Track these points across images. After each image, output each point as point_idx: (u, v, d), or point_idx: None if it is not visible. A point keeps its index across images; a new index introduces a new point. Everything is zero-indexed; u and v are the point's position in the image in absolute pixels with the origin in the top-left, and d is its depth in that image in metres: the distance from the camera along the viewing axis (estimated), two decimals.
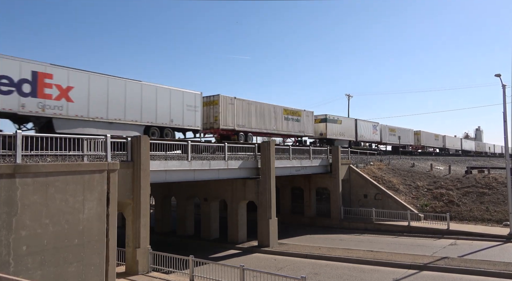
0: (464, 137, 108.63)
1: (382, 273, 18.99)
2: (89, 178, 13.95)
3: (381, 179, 36.28)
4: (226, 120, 28.00)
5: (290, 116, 34.88)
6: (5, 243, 11.52)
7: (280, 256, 23.32)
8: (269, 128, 31.94)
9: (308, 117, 37.47)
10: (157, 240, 26.36)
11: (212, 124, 27.82)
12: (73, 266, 13.24)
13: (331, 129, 41.21)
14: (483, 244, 24.21)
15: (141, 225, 17.79)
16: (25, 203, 12.06)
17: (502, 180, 33.44)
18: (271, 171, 25.52)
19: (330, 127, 41.31)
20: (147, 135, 19.09)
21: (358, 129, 46.14)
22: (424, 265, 19.70)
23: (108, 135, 15.76)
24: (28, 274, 11.88)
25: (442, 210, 31.67)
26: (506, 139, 26.92)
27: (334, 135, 41.38)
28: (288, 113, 34.71)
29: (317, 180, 34.46)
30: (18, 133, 12.43)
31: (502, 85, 26.98)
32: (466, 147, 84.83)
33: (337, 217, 32.95)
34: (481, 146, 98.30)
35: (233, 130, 28.58)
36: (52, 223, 12.72)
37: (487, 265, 19.01)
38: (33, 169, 12.31)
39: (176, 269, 17.08)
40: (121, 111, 21.06)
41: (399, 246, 24.55)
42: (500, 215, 29.89)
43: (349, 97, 67.07)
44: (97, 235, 14.13)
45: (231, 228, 27.05)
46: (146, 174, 17.87)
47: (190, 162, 21.07)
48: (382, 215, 30.99)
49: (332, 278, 18.55)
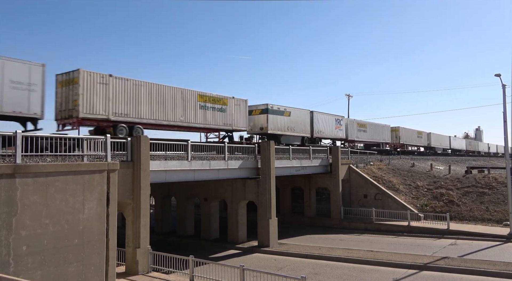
0: (464, 137, 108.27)
1: (382, 273, 18.99)
2: (89, 178, 13.96)
3: (381, 179, 36.29)
4: (93, 105, 19.99)
5: (210, 105, 26.58)
6: (5, 243, 11.53)
7: (280, 256, 23.32)
8: (173, 118, 24.08)
9: (239, 106, 29.03)
10: (157, 240, 26.37)
11: (70, 112, 19.82)
12: (73, 266, 13.24)
13: (274, 122, 32.79)
14: (483, 244, 24.21)
15: (141, 225, 17.80)
16: (25, 203, 12.06)
17: (502, 180, 33.44)
18: (271, 171, 25.52)
19: (274, 119, 32.75)
20: (147, 135, 19.05)
21: (315, 123, 37.89)
22: (424, 265, 19.70)
23: (108, 135, 15.77)
24: (28, 274, 11.89)
25: (442, 210, 31.67)
26: (506, 139, 26.91)
27: (279, 130, 33.29)
28: (206, 100, 26.36)
29: (317, 180, 34.46)
30: (18, 133, 12.43)
31: (502, 85, 26.99)
32: (455, 145, 78.62)
33: (337, 217, 32.95)
34: (474, 145, 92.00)
35: (107, 119, 20.84)
36: (52, 223, 12.72)
37: (487, 265, 19.01)
38: (33, 169, 12.31)
39: (176, 269, 17.08)
40: None
41: (399, 246, 24.55)
42: (500, 215, 29.90)
43: (349, 97, 67.11)
44: (97, 235, 14.13)
45: (231, 228, 27.05)
46: (146, 174, 17.87)
47: (190, 162, 21.07)
48: (382, 215, 30.99)
49: (332, 278, 18.55)
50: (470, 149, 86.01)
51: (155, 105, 23.24)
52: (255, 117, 32.52)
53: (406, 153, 58.61)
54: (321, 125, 39.05)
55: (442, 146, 72.03)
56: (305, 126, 36.64)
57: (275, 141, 29.92)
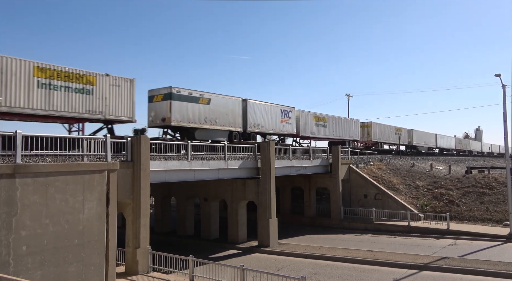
0: (464, 137, 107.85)
1: (382, 273, 19.00)
2: (89, 178, 13.96)
3: (381, 179, 36.30)
4: None
5: (62, 83, 18.76)
6: (5, 243, 11.53)
7: (280, 256, 23.32)
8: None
9: (119, 88, 21.08)
10: (157, 240, 26.37)
11: None
12: (73, 266, 13.25)
13: (182, 112, 24.74)
14: (483, 244, 24.21)
15: (141, 225, 17.80)
16: (25, 203, 12.06)
17: (502, 180, 33.45)
18: (271, 171, 25.53)
19: (181, 108, 24.65)
20: (146, 135, 19.06)
21: (250, 114, 30.50)
22: (424, 265, 19.70)
23: (108, 135, 15.78)
24: (28, 274, 11.89)
25: (442, 210, 31.68)
26: (506, 139, 26.91)
27: (191, 122, 25.35)
28: (53, 76, 18.47)
29: (317, 180, 34.46)
30: (18, 133, 12.43)
31: (502, 85, 26.99)
32: (443, 144, 71.54)
33: (337, 217, 32.95)
34: (465, 144, 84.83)
35: None
36: (52, 223, 12.73)
37: (487, 265, 19.01)
38: (33, 169, 12.32)
39: (176, 269, 17.09)
40: None
41: (399, 246, 24.56)
42: (500, 215, 29.90)
43: (349, 97, 67.13)
44: (97, 235, 14.14)
45: (231, 228, 27.06)
46: (146, 174, 17.88)
47: (190, 162, 21.08)
48: (382, 215, 31.00)
49: (332, 278, 18.56)
50: (460, 148, 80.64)
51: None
52: (157, 105, 24.70)
53: (383, 152, 51.81)
54: (258, 117, 31.46)
55: (427, 144, 65.37)
56: (234, 118, 28.98)
57: (186, 137, 25.03)
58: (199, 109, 26.17)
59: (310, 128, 38.48)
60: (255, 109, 31.37)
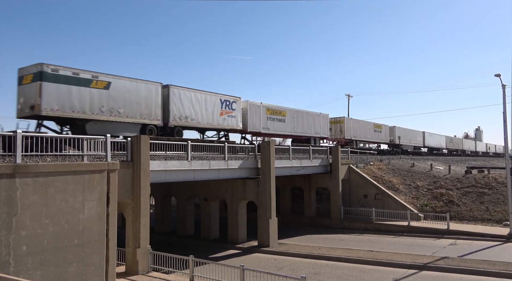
0: (464, 137, 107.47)
1: (382, 273, 19.00)
2: (89, 178, 13.96)
3: (381, 179, 36.30)
4: None
5: None
6: (5, 243, 11.53)
7: (280, 256, 23.32)
8: None
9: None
10: (157, 240, 26.38)
11: None
12: (73, 266, 13.25)
13: (61, 97, 19.04)
14: (483, 244, 24.21)
15: (141, 225, 17.81)
16: (25, 203, 12.07)
17: (502, 180, 33.45)
18: (271, 171, 25.53)
19: (60, 92, 18.97)
20: (146, 135, 19.05)
21: (174, 103, 24.75)
22: (424, 265, 19.70)
23: (108, 135, 15.78)
24: (28, 274, 11.89)
25: (442, 210, 31.68)
26: (506, 139, 26.90)
27: (77, 111, 19.57)
28: None
29: (317, 180, 34.46)
30: (18, 133, 12.43)
31: (502, 85, 26.99)
32: (432, 143, 65.94)
33: (337, 217, 32.95)
34: (456, 143, 78.71)
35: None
36: (52, 223, 12.73)
37: (487, 265, 19.01)
38: (33, 169, 12.32)
39: (176, 269, 17.09)
40: None
41: (399, 246, 24.56)
42: (500, 215, 29.91)
43: (349, 97, 67.11)
44: (97, 235, 14.14)
45: (231, 228, 27.06)
46: (146, 174, 17.88)
47: (190, 162, 21.08)
48: (382, 215, 31.00)
49: (332, 278, 18.56)
50: (452, 148, 75.75)
51: None
52: (26, 88, 18.87)
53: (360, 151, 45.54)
54: (187, 107, 25.62)
55: (413, 143, 60.13)
56: (150, 108, 23.30)
57: (74, 131, 19.88)
58: (92, 94, 20.28)
59: (263, 122, 32.53)
60: (182, 97, 25.32)
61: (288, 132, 36.01)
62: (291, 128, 36.14)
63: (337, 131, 44.34)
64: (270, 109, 33.90)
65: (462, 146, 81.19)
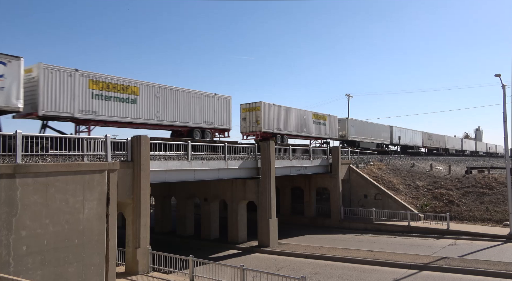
0: (464, 137, 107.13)
1: (382, 273, 18.99)
2: (89, 178, 13.96)
3: (381, 179, 36.30)
4: None
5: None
6: (5, 243, 11.53)
7: (280, 256, 23.32)
8: None
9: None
10: (157, 240, 26.36)
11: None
12: (73, 266, 13.25)
13: None
14: (483, 244, 24.21)
15: (141, 225, 17.80)
16: (25, 203, 12.06)
17: (502, 180, 33.45)
18: (271, 171, 25.52)
19: None
20: (146, 135, 19.06)
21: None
22: (424, 265, 19.70)
23: (108, 135, 15.78)
24: (28, 274, 11.89)
25: (442, 210, 31.68)
26: (506, 139, 26.89)
27: None
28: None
29: (317, 180, 34.46)
30: (18, 133, 12.43)
31: (502, 85, 27.00)
32: (403, 140, 55.88)
33: (337, 217, 32.95)
34: (437, 140, 68.64)
35: None
36: (52, 223, 12.72)
37: (487, 265, 19.01)
38: (33, 169, 12.31)
39: (176, 269, 17.08)
40: None
41: (399, 246, 24.55)
42: (500, 215, 29.90)
43: (349, 97, 67.03)
44: (97, 235, 14.13)
45: (231, 228, 27.05)
46: (146, 174, 17.88)
47: (190, 162, 21.07)
48: (382, 215, 30.99)
49: (332, 278, 18.55)
50: (431, 146, 66.49)
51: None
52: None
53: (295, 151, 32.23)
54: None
55: (375, 140, 50.32)
56: None
57: None
58: None
59: (82, 101, 20.01)
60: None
61: (142, 119, 23.27)
62: (152, 112, 23.67)
63: (252, 121, 32.65)
64: (101, 81, 20.97)
65: (445, 144, 71.62)
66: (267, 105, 32.81)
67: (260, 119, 32.20)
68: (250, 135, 33.14)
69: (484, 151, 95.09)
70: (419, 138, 61.93)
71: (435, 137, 68.79)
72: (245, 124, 33.04)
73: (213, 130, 28.16)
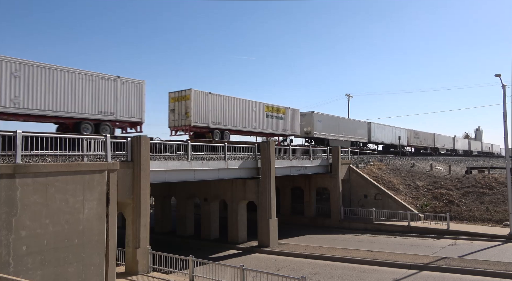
0: (465, 137, 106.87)
1: (382, 273, 18.99)
2: (89, 178, 13.95)
3: (381, 179, 36.30)
4: None
5: None
6: (5, 243, 11.52)
7: (280, 256, 23.32)
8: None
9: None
10: (157, 240, 26.36)
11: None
12: (73, 266, 13.24)
13: None
14: (483, 244, 24.22)
15: (141, 225, 17.80)
16: (25, 203, 12.06)
17: (502, 180, 33.45)
18: (271, 171, 25.52)
19: None
20: (146, 135, 19.08)
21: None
22: (424, 265, 19.70)
23: (108, 135, 15.78)
24: (28, 274, 11.88)
25: (442, 210, 31.68)
26: (506, 139, 26.90)
27: None
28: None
29: (317, 180, 34.46)
30: (18, 133, 12.43)
31: (502, 85, 27.00)
32: (382, 138, 50.83)
33: (337, 217, 32.95)
34: (425, 138, 62.74)
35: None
36: (52, 223, 12.72)
37: (487, 265, 19.02)
38: (33, 169, 12.30)
39: (176, 269, 17.08)
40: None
41: (399, 246, 24.55)
42: (500, 215, 29.90)
43: (349, 97, 67.09)
44: (97, 235, 14.13)
45: (231, 228, 27.05)
46: (146, 174, 17.88)
47: (190, 162, 21.07)
48: (382, 215, 31.00)
49: (332, 278, 18.55)
50: (418, 145, 61.87)
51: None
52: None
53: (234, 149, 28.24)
54: None
55: (349, 137, 44.33)
56: None
57: None
58: None
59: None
60: None
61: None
62: (5, 97, 17.33)
63: (181, 113, 26.86)
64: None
65: (434, 142, 65.93)
66: (199, 93, 27.20)
67: (190, 111, 26.46)
68: (179, 130, 27.40)
69: (479, 150, 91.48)
70: (404, 136, 56.58)
71: (423, 135, 63.49)
72: (174, 117, 27.28)
73: (115, 123, 22.22)
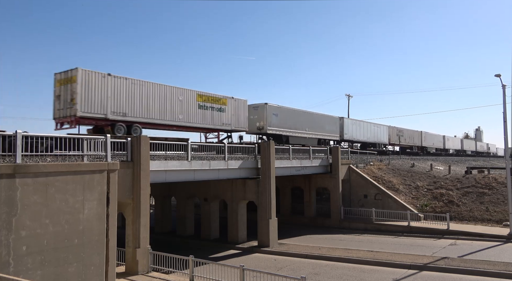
0: (464, 137, 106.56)
1: (382, 273, 18.99)
2: (89, 178, 13.95)
3: (381, 179, 36.29)
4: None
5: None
6: (5, 243, 11.52)
7: (280, 256, 23.32)
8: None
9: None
10: (157, 240, 26.35)
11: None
12: (73, 266, 13.24)
13: None
14: (483, 244, 24.21)
15: (141, 225, 17.80)
16: (25, 203, 12.05)
17: (502, 180, 33.45)
18: (271, 171, 25.52)
19: None
20: (146, 135, 19.07)
21: None
22: (424, 265, 19.70)
23: (108, 135, 15.77)
24: (28, 274, 11.88)
25: (442, 210, 31.67)
26: (506, 139, 26.90)
27: None
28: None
29: (317, 180, 34.45)
30: (18, 133, 12.42)
31: (502, 85, 26.99)
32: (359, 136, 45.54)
33: (337, 217, 32.94)
34: (410, 137, 56.78)
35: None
36: (52, 223, 12.72)
37: (487, 265, 19.01)
38: (33, 169, 12.30)
39: (176, 269, 17.08)
40: None
41: (399, 246, 24.55)
42: (500, 215, 29.90)
43: (349, 97, 67.05)
44: (97, 235, 14.13)
45: (231, 228, 27.05)
46: (146, 174, 17.87)
47: (190, 162, 21.06)
48: (382, 215, 30.99)
49: (332, 278, 18.55)
50: (404, 144, 56.53)
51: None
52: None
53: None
54: None
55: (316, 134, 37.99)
56: None
57: None
58: None
59: None
60: None
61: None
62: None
63: (67, 100, 19.90)
64: None
65: (421, 141, 60.03)
66: (92, 74, 20.14)
67: (76, 97, 19.41)
68: (65, 122, 20.45)
69: (473, 150, 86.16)
70: (384, 134, 50.75)
71: (408, 133, 57.23)
72: (59, 106, 20.31)
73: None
